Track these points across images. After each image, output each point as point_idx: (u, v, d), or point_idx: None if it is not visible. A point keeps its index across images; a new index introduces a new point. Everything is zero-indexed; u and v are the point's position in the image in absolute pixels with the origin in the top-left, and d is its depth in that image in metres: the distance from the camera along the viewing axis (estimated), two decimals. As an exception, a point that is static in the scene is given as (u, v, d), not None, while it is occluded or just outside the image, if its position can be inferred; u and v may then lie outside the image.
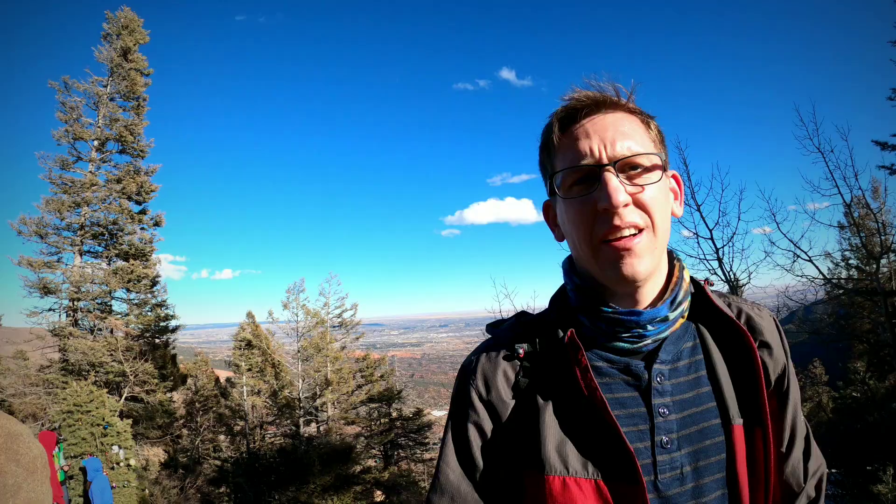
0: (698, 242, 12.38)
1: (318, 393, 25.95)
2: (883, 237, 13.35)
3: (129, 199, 19.39)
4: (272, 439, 25.79)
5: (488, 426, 1.07)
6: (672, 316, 1.05)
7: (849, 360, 17.74)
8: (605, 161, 0.98)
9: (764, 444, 1.03)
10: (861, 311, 17.13)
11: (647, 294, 1.05)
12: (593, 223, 0.98)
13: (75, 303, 18.47)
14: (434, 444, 30.86)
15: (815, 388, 21.51)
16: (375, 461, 26.44)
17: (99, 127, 19.26)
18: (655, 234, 1.00)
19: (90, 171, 18.94)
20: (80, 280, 17.98)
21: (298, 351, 26.10)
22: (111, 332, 18.26)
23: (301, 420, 25.12)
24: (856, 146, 13.27)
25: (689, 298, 1.11)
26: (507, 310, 13.24)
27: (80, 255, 18.73)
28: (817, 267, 13.95)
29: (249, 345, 26.32)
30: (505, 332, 1.15)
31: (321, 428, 26.37)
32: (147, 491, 14.38)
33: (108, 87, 19.58)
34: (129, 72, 19.64)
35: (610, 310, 1.03)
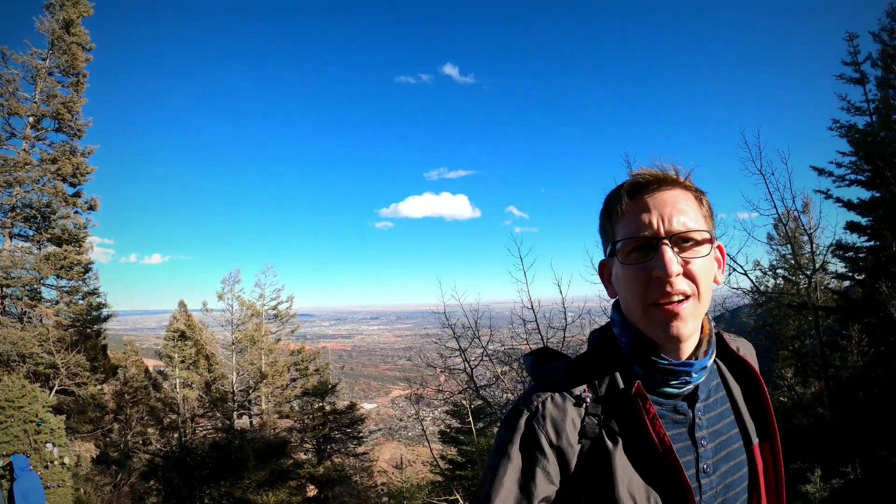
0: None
1: (253, 386, 25.63)
2: (813, 248, 14.35)
3: (64, 180, 18.51)
4: (204, 433, 25.32)
5: (555, 471, 1.13)
6: (709, 364, 1.24)
7: (773, 362, 18.85)
8: (663, 234, 1.13)
9: (773, 456, 1.30)
10: (787, 318, 18.29)
11: (689, 347, 1.21)
12: (647, 287, 1.13)
13: (3, 289, 17.56)
14: (366, 437, 30.95)
15: None
16: (309, 455, 26.35)
17: (35, 102, 18.26)
18: (700, 301, 1.15)
19: (24, 150, 17.92)
20: (10, 265, 17.10)
21: (233, 343, 25.67)
22: (41, 320, 17.47)
23: (234, 413, 24.77)
24: (794, 170, 14.27)
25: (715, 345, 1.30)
26: (451, 304, 13.49)
27: (10, 238, 17.77)
28: (752, 281, 15.02)
29: (183, 336, 25.74)
30: (561, 376, 1.23)
31: (254, 422, 26.10)
32: (81, 490, 13.95)
33: (48, 60, 18.55)
34: (70, 46, 18.67)
35: (665, 362, 1.18)
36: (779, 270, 20.55)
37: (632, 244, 1.17)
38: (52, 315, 17.63)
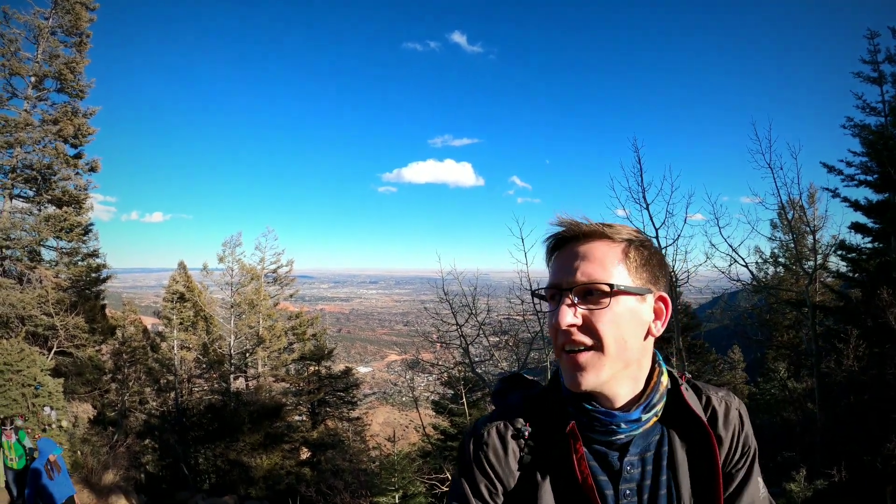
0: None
1: (250, 349, 25.87)
2: (815, 242, 14.29)
3: (66, 141, 18.36)
4: (200, 394, 25.62)
5: (495, 491, 1.26)
6: (644, 417, 1.22)
7: (767, 350, 18.93)
8: (564, 286, 1.17)
9: None
10: (784, 309, 18.30)
11: (621, 396, 1.22)
12: (556, 334, 1.18)
13: (3, 251, 17.56)
14: (360, 402, 31.32)
15: (733, 373, 22.87)
16: (303, 419, 26.69)
17: (37, 62, 17.98)
18: (604, 353, 1.15)
19: (25, 110, 17.72)
20: (10, 227, 17.09)
21: (232, 306, 25.81)
22: (40, 282, 17.50)
23: (231, 376, 25.03)
24: (803, 167, 14.07)
25: (665, 399, 1.27)
26: (448, 270, 13.56)
27: (10, 199, 17.69)
28: (753, 273, 15.02)
29: (182, 298, 25.87)
30: (513, 408, 1.33)
31: (251, 384, 26.38)
32: (78, 451, 14.18)
33: (51, 20, 18.20)
34: (73, 5, 18.30)
35: (591, 407, 1.22)
36: (780, 259, 20.52)
37: (548, 293, 1.23)
38: (51, 277, 17.64)
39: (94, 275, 19.78)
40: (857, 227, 14.28)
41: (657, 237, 12.88)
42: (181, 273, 27.11)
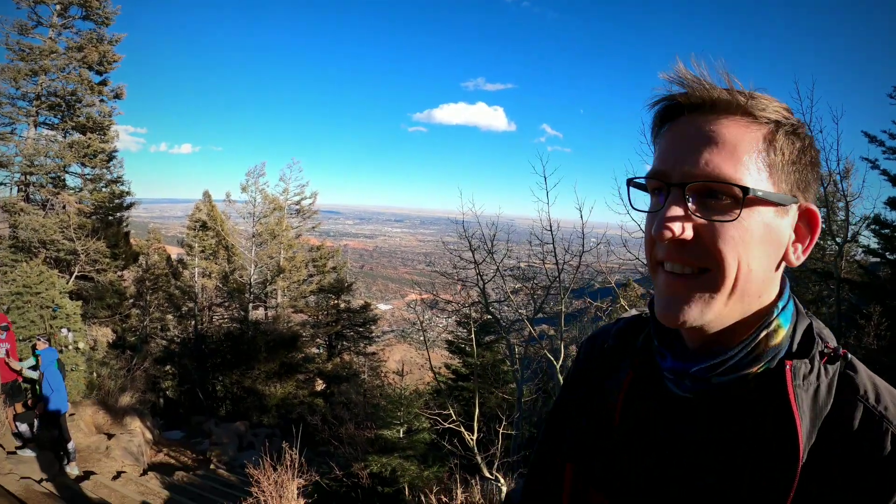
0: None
1: (270, 279, 26.11)
2: (848, 215, 13.67)
3: (90, 68, 18.18)
4: (220, 322, 26.07)
5: (579, 380, 1.14)
6: (715, 381, 0.87)
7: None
8: (674, 179, 0.83)
9: None
10: (808, 282, 17.79)
11: (697, 340, 0.89)
12: (654, 246, 0.87)
13: (27, 177, 17.71)
14: (377, 338, 31.66)
15: None
16: (320, 351, 27.07)
17: (62, -10, 17.84)
18: (719, 283, 0.81)
19: (50, 38, 17.57)
20: (34, 153, 17.11)
21: (253, 236, 25.96)
22: (63, 208, 17.66)
23: (250, 305, 25.37)
24: (843, 133, 13.22)
25: (764, 364, 0.85)
26: (472, 214, 13.33)
27: (35, 126, 17.73)
28: None
29: (204, 226, 26.04)
30: (622, 322, 1.12)
31: (269, 314, 26.74)
32: (95, 373, 14.48)
33: None
34: (98, -69, 18.04)
35: (656, 343, 0.95)
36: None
37: (649, 184, 0.89)
38: (74, 202, 17.77)
39: (117, 201, 19.89)
40: (893, 203, 13.48)
41: None
42: (205, 202, 27.20)
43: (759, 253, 0.82)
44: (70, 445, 9.41)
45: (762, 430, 0.82)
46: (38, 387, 9.37)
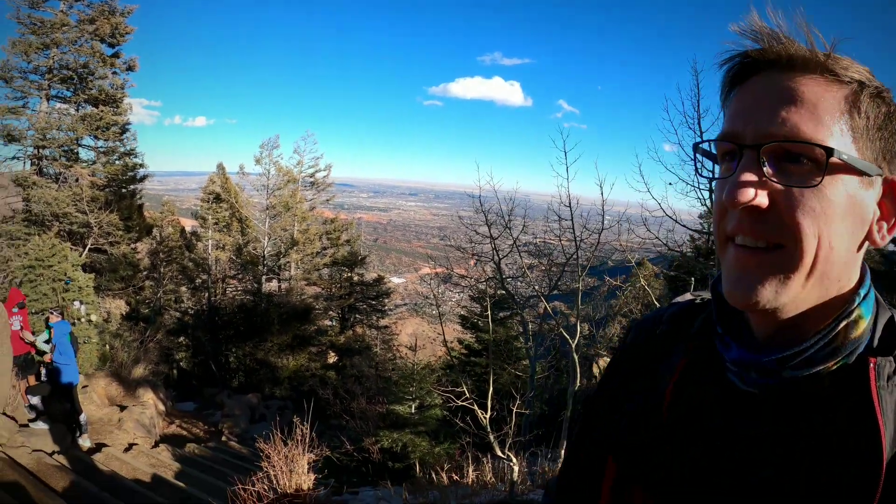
0: (697, 172, 12.26)
1: (283, 252, 26.15)
2: None
3: (102, 41, 18.01)
4: (233, 294, 26.16)
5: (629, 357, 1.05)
6: (787, 375, 0.75)
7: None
8: (748, 141, 0.72)
9: None
10: None
11: (766, 327, 0.78)
12: (724, 215, 0.76)
13: (40, 150, 17.71)
14: (390, 311, 31.73)
15: None
16: (333, 323, 27.15)
17: (73, -38, 17.58)
18: (798, 260, 0.70)
19: (61, 11, 17.36)
20: (46, 126, 17.08)
21: (267, 208, 25.96)
22: (76, 181, 17.62)
23: (263, 277, 25.43)
24: None
25: (843, 359, 0.73)
26: (489, 189, 13.10)
27: (48, 99, 17.67)
28: None
29: (218, 198, 26.01)
30: (676, 305, 1.02)
31: (282, 287, 26.81)
32: (108, 345, 14.54)
33: None
34: None
35: (720, 330, 0.83)
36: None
37: (719, 149, 0.78)
38: (87, 175, 17.74)
39: (130, 173, 19.79)
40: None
41: (712, 172, 12.07)
42: (219, 174, 27.16)
43: (842, 229, 0.70)
44: (82, 418, 9.43)
45: (832, 427, 0.70)
46: (47, 360, 9.38)
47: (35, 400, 9.11)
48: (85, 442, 9.35)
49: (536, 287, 14.06)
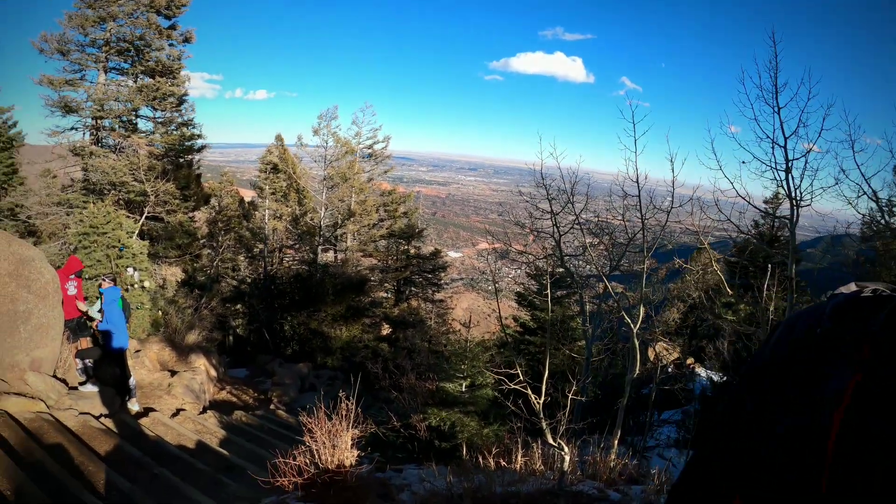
0: (773, 148, 11.28)
1: (340, 223, 26.15)
2: None
3: (158, 13, 18.15)
4: (289, 264, 26.34)
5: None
6: None
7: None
8: None
9: None
10: (891, 262, 16.10)
11: None
12: None
13: (98, 121, 18.06)
14: (446, 285, 31.48)
15: None
16: (388, 295, 27.09)
17: (130, -66, 17.61)
18: None
19: None
20: (104, 98, 17.37)
21: (325, 178, 25.96)
22: (134, 151, 17.85)
23: (319, 248, 25.51)
24: None
25: None
26: (550, 164, 12.47)
27: (105, 72, 17.93)
28: (882, 210, 12.86)
29: (275, 168, 26.12)
30: (833, 300, 0.89)
31: (338, 257, 26.85)
32: (161, 311, 14.66)
33: None
34: None
35: None
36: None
37: None
38: (144, 145, 17.96)
39: (187, 143, 19.95)
40: None
41: (785, 147, 11.08)
42: (277, 145, 27.26)
43: None
44: (131, 382, 9.43)
45: None
46: (95, 326, 9.39)
47: (85, 363, 9.14)
48: (133, 406, 9.35)
49: (597, 266, 13.45)
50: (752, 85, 11.09)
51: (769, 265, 12.26)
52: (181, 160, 20.14)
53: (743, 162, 11.05)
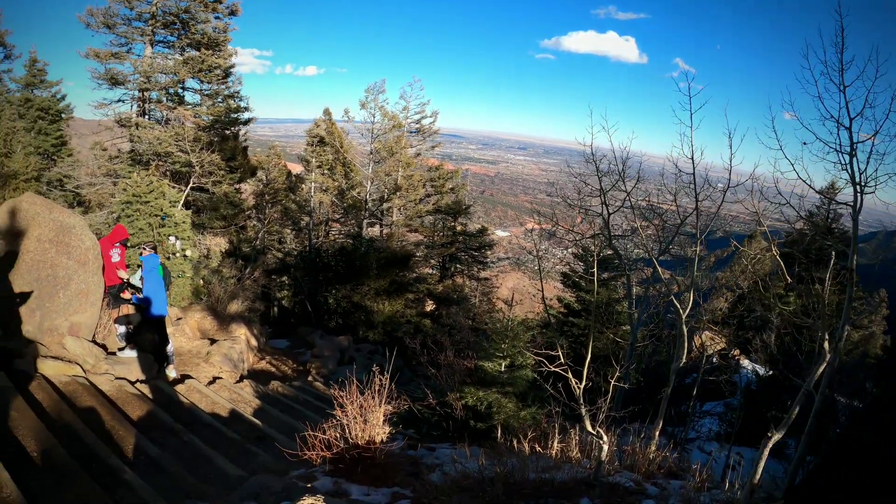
0: (838, 129, 10.50)
1: (386, 197, 26.00)
2: None
3: None
4: (335, 237, 26.33)
5: None
6: None
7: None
8: None
9: None
10: None
11: None
12: None
13: (144, 93, 18.20)
14: (492, 263, 31.12)
15: (871, 317, 19.92)
16: (434, 272, 26.87)
17: None
18: None
19: None
20: (150, 70, 17.45)
21: (371, 153, 25.82)
22: (180, 123, 17.92)
23: (365, 222, 25.42)
24: None
25: None
26: (599, 145, 11.98)
27: (152, 45, 18.01)
28: None
29: (322, 142, 26.06)
30: None
31: (384, 232, 26.73)
32: (203, 281, 14.73)
33: None
34: None
35: None
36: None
37: None
38: (190, 117, 17.97)
39: (233, 115, 19.88)
40: None
41: (850, 128, 10.28)
42: (325, 119, 27.20)
43: None
44: (169, 349, 9.44)
45: None
46: (130, 294, 9.43)
47: (124, 329, 9.17)
48: (171, 372, 9.37)
49: (646, 249, 12.93)
50: (817, 60, 10.29)
51: (833, 252, 11.54)
52: (227, 132, 20.18)
53: (804, 143, 10.27)
